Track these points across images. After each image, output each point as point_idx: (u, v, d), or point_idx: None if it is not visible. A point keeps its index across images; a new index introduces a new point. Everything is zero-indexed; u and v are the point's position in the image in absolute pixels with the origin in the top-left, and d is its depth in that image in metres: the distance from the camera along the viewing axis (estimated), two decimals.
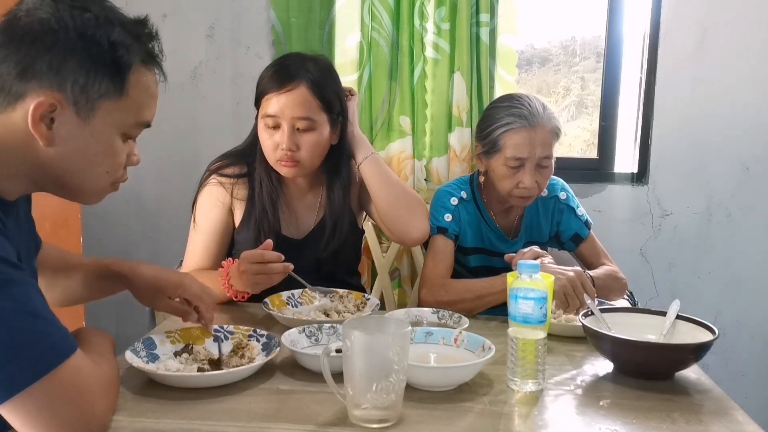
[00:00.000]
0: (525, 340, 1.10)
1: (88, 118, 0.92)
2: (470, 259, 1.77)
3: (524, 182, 1.61)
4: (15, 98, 0.89)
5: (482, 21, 2.17)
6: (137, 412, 1.00)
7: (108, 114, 0.94)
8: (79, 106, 0.91)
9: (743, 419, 1.04)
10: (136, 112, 0.98)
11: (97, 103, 0.92)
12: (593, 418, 1.03)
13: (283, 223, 1.66)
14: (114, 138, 0.97)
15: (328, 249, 1.66)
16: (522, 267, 1.14)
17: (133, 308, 2.47)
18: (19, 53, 0.89)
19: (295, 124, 1.55)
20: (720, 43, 2.30)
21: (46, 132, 0.90)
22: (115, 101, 0.94)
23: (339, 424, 0.97)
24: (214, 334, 1.25)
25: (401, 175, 2.25)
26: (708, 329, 1.23)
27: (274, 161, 1.59)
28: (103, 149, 0.96)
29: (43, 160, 0.92)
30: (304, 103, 1.55)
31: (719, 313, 2.41)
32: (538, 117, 1.60)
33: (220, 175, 1.65)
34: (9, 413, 0.84)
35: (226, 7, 2.36)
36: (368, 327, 0.99)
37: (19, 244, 0.95)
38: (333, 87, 1.61)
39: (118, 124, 0.96)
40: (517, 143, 1.60)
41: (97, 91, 0.92)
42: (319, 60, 1.63)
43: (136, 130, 1.00)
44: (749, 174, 2.36)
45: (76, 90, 0.90)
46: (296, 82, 1.54)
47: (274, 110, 1.55)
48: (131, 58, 0.94)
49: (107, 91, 0.92)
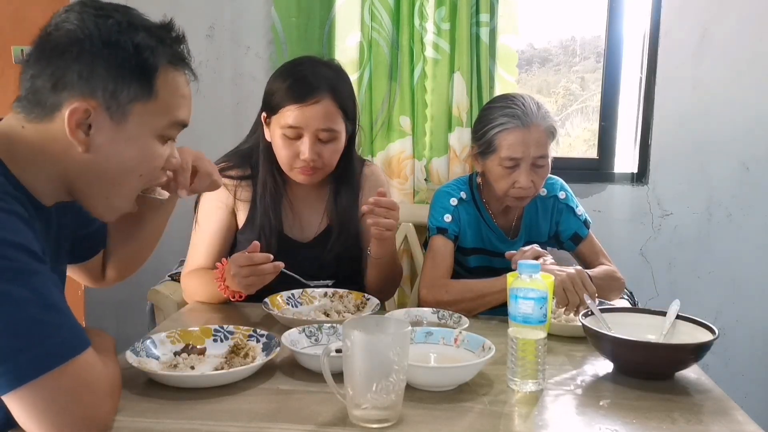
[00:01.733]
0: (525, 340, 1.10)
1: (122, 122, 0.95)
2: (470, 259, 1.77)
3: (520, 182, 1.61)
4: (51, 110, 0.93)
5: (482, 21, 2.17)
6: (137, 412, 1.00)
7: (140, 117, 0.96)
8: (112, 110, 0.94)
9: (743, 419, 1.04)
10: (169, 113, 1.00)
11: (129, 107, 0.95)
12: (593, 418, 1.03)
13: (287, 224, 1.66)
14: (150, 141, 0.99)
15: (333, 253, 1.66)
16: (522, 267, 1.14)
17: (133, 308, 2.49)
18: (51, 66, 0.92)
19: (318, 135, 1.54)
20: (720, 43, 2.30)
21: (84, 138, 0.93)
22: (145, 104, 0.96)
23: (339, 424, 0.97)
24: (214, 335, 1.25)
25: (401, 175, 2.26)
26: (708, 329, 1.23)
27: (290, 169, 1.59)
28: (139, 152, 0.98)
29: (80, 167, 0.95)
30: (328, 115, 1.54)
31: (719, 313, 2.41)
32: (532, 116, 1.60)
33: (223, 176, 1.64)
34: (14, 404, 0.84)
35: (226, 7, 2.36)
36: (368, 327, 0.99)
37: (45, 244, 0.97)
38: (350, 93, 1.61)
39: (152, 126, 0.98)
40: (511, 143, 1.60)
41: (126, 95, 0.94)
42: (333, 65, 1.62)
43: (173, 130, 1.03)
44: (749, 174, 2.36)
45: (107, 95, 0.93)
46: (319, 95, 1.53)
47: (297, 122, 1.53)
48: (157, 60, 0.96)
49: (137, 95, 0.95)
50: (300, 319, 1.39)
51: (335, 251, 1.66)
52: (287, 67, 1.63)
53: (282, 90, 1.55)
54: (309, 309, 1.52)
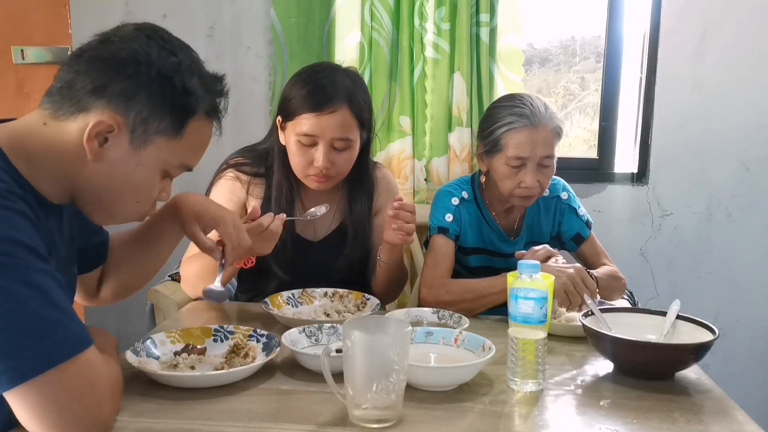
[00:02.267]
0: (525, 340, 1.10)
1: (140, 148, 0.97)
2: (470, 259, 1.77)
3: (526, 182, 1.61)
4: (80, 109, 0.94)
5: (482, 21, 2.17)
6: (137, 412, 0.99)
7: (158, 150, 0.99)
8: (135, 135, 0.96)
9: (743, 419, 1.04)
10: (184, 156, 1.04)
11: (153, 138, 0.98)
12: (593, 418, 1.03)
13: (299, 224, 1.66)
14: (155, 172, 1.02)
15: (349, 257, 1.67)
16: (522, 267, 1.14)
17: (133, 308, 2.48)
18: (100, 71, 0.94)
19: (333, 144, 1.54)
20: (720, 43, 2.30)
21: (97, 149, 0.95)
22: (169, 140, 0.99)
23: (339, 424, 0.97)
24: (214, 335, 1.25)
25: (401, 175, 2.26)
26: (708, 329, 1.23)
27: (304, 175, 1.59)
28: (142, 180, 1.01)
29: (84, 174, 0.97)
30: (344, 124, 1.53)
31: (719, 313, 2.41)
32: (540, 116, 1.60)
33: (238, 171, 1.65)
34: (15, 401, 0.84)
35: (226, 7, 2.36)
36: (368, 327, 0.99)
37: (53, 244, 0.99)
38: (367, 102, 1.61)
39: (164, 161, 1.01)
40: (518, 142, 1.60)
41: (156, 127, 0.97)
42: (351, 74, 1.60)
43: (177, 170, 1.06)
44: (749, 174, 2.36)
45: (138, 120, 0.96)
46: (337, 104, 1.52)
47: (313, 130, 1.52)
48: (198, 106, 1.00)
49: (166, 129, 0.98)
50: (300, 319, 1.39)
51: (351, 255, 1.67)
52: (306, 73, 1.61)
53: (299, 97, 1.54)
54: (309, 309, 1.52)
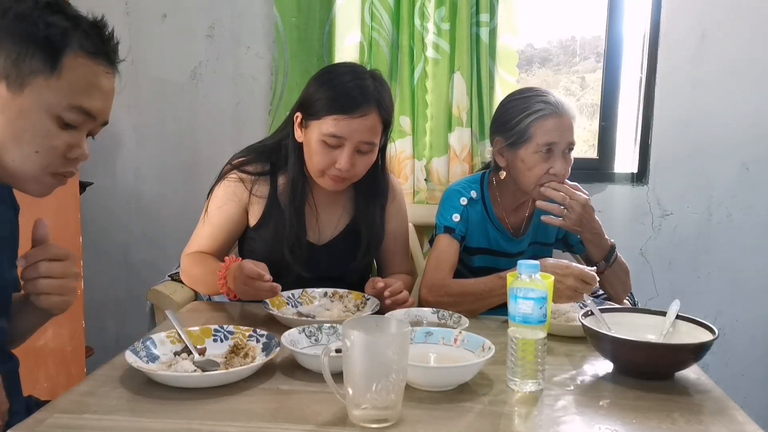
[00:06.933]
0: (525, 340, 1.10)
1: (17, 93, 0.96)
2: (474, 259, 1.77)
3: (555, 167, 1.62)
4: None
5: (482, 21, 2.17)
6: (137, 412, 1.00)
7: (37, 91, 0.97)
8: (10, 80, 0.96)
9: (743, 419, 1.04)
10: (70, 96, 0.99)
11: (28, 79, 0.96)
12: (593, 418, 1.03)
13: (308, 228, 1.66)
14: (43, 118, 0.99)
15: (363, 262, 1.68)
16: (522, 267, 1.14)
17: (133, 308, 2.49)
18: None
19: (359, 147, 1.54)
20: (720, 43, 2.30)
21: None
22: (47, 79, 0.97)
23: (339, 424, 0.97)
24: (214, 335, 1.25)
25: (401, 175, 2.26)
26: (708, 329, 1.23)
27: (320, 175, 1.57)
28: (32, 127, 0.98)
29: None
30: (373, 128, 1.53)
31: (719, 313, 2.41)
32: (563, 105, 1.64)
33: (241, 171, 1.64)
34: None
35: (226, 7, 2.36)
36: (368, 327, 0.99)
37: None
38: (392, 105, 1.61)
39: (48, 103, 0.98)
40: (549, 129, 1.61)
41: (28, 67, 0.96)
42: (377, 76, 1.59)
43: (72, 115, 1.01)
44: (749, 174, 2.36)
45: (8, 64, 0.95)
46: (368, 108, 1.51)
47: (342, 132, 1.51)
48: (67, 40, 0.98)
49: (39, 68, 0.96)
50: (300, 319, 1.39)
51: (364, 260, 1.68)
52: (335, 73, 1.59)
53: (328, 98, 1.52)
54: (309, 309, 1.52)
